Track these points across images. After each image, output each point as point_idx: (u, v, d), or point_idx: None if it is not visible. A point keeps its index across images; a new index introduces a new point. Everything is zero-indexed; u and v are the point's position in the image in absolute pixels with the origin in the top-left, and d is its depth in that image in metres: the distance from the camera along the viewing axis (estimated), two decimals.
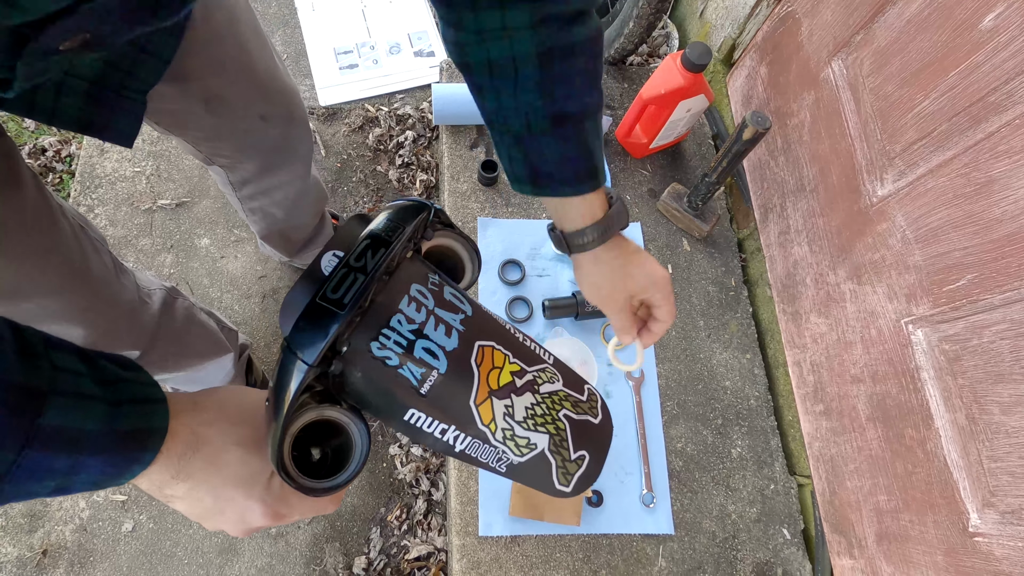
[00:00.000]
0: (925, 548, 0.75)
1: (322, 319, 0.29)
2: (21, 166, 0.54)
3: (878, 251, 0.84)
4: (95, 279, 0.67)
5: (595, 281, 0.58)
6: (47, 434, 0.27)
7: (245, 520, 0.36)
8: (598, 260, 0.56)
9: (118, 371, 0.31)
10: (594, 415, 0.39)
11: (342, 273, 0.30)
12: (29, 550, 1.04)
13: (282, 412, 0.30)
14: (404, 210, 0.34)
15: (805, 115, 1.00)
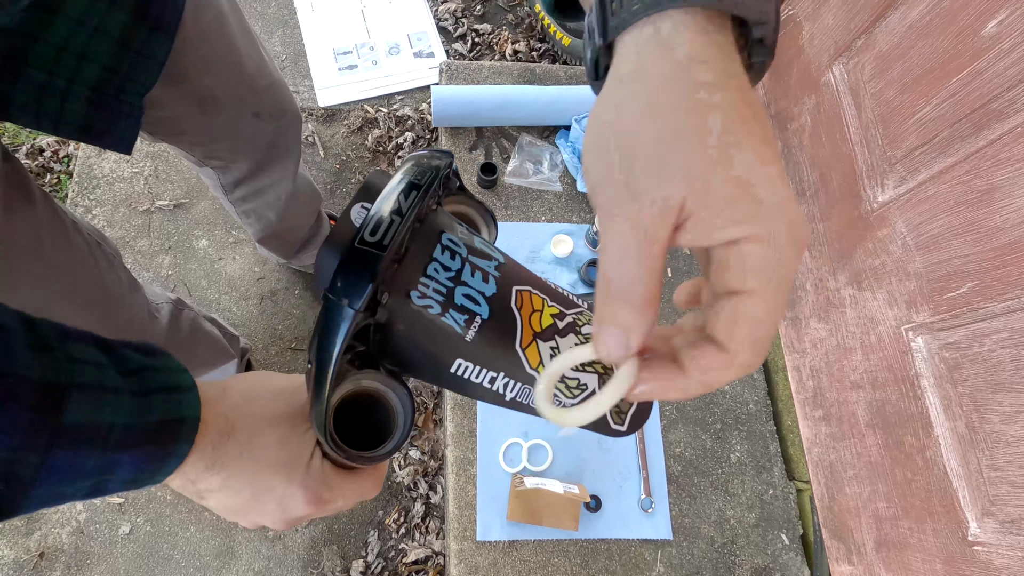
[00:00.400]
0: (924, 556, 0.75)
1: (364, 261, 0.28)
2: (31, 185, 0.54)
3: (878, 257, 0.83)
4: (110, 297, 0.67)
5: (622, 130, 0.23)
6: (72, 432, 0.25)
7: (286, 509, 0.34)
8: (643, 74, 0.23)
9: (142, 359, 0.29)
10: None
11: (377, 217, 0.29)
12: (26, 552, 1.04)
13: (330, 365, 0.28)
14: (428, 157, 0.33)
15: (806, 119, 1.00)
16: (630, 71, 0.23)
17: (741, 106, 0.21)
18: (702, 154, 0.20)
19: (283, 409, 0.34)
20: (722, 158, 0.20)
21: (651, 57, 0.22)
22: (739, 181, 0.20)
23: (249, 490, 0.32)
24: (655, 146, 0.21)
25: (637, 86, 0.22)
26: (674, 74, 0.21)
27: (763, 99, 1.13)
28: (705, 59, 0.21)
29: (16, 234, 0.52)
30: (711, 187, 0.20)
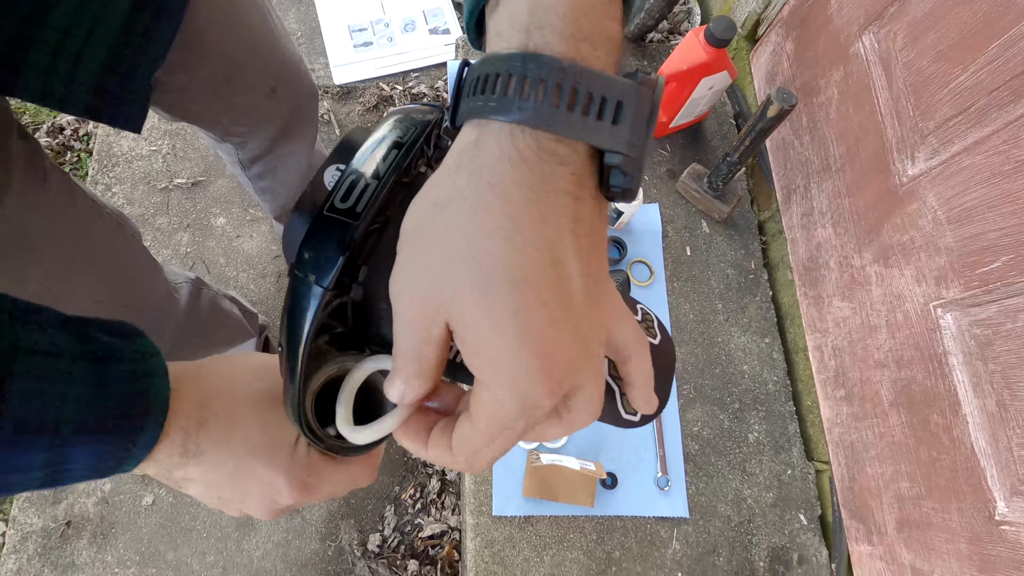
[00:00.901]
0: (948, 536, 0.74)
1: (332, 232, 0.24)
2: (48, 165, 0.54)
3: (907, 232, 0.81)
4: (130, 277, 0.67)
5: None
6: (15, 424, 0.23)
7: (271, 497, 0.32)
8: (451, 179, 0.23)
9: (111, 343, 0.27)
10: (652, 335, 0.36)
11: (350, 180, 0.25)
12: (53, 521, 1.07)
13: (299, 349, 0.25)
14: (416, 112, 0.29)
15: (833, 92, 0.97)
16: (446, 167, 0.23)
17: (518, 243, 0.21)
18: (465, 291, 0.21)
19: (264, 390, 0.32)
20: (472, 299, 0.21)
21: (462, 159, 0.22)
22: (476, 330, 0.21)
23: (230, 479, 0.30)
24: (440, 258, 0.21)
25: (445, 187, 0.22)
26: (472, 191, 0.21)
27: (789, 73, 1.10)
28: (499, 181, 0.21)
29: (32, 213, 0.52)
30: (456, 328, 0.22)
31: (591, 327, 0.22)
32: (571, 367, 0.22)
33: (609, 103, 0.21)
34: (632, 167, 0.21)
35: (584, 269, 0.22)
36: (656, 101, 0.22)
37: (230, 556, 1.08)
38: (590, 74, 0.21)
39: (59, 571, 1.04)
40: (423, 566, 1.09)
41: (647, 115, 0.21)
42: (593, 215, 0.22)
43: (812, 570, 0.97)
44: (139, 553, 1.06)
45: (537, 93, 0.20)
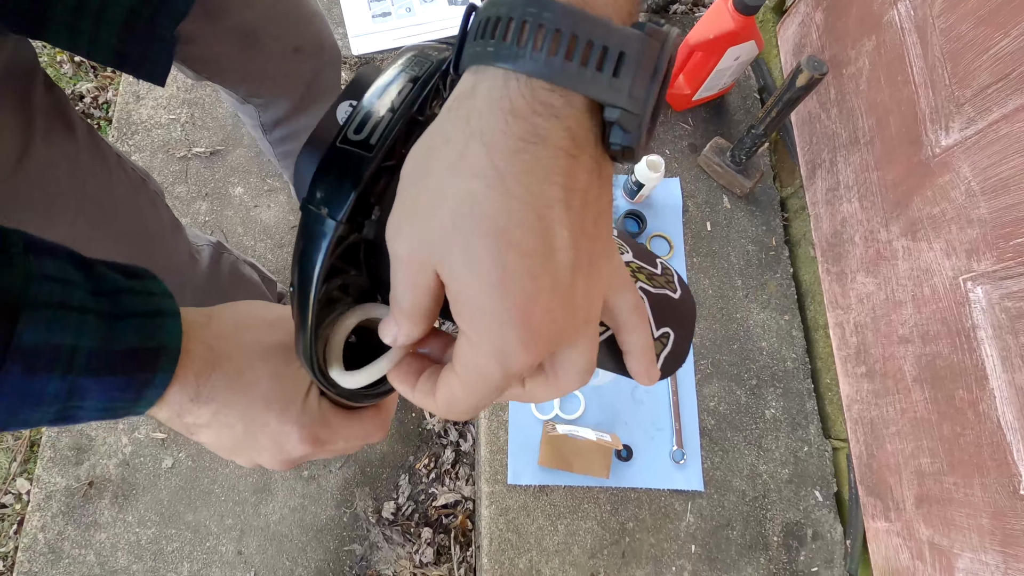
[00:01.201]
0: (970, 511, 0.73)
1: (347, 164, 0.24)
2: (74, 116, 0.54)
3: (938, 205, 0.79)
4: (152, 236, 0.67)
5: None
6: (27, 352, 0.23)
7: (282, 447, 0.31)
8: (442, 122, 0.23)
9: (119, 280, 0.27)
10: (672, 289, 0.35)
11: (364, 113, 0.24)
12: (76, 481, 1.09)
13: (311, 285, 0.25)
14: (431, 48, 0.28)
15: (864, 62, 0.94)
16: (443, 112, 0.22)
17: (496, 195, 0.20)
18: (449, 237, 0.20)
19: (277, 340, 0.31)
20: (457, 249, 0.20)
21: (457, 105, 0.21)
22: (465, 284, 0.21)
23: (242, 425, 0.30)
24: (428, 203, 0.21)
25: (438, 132, 0.21)
26: (461, 138, 0.20)
27: (817, 45, 1.07)
28: (488, 128, 0.20)
29: (56, 164, 0.52)
30: (441, 274, 0.21)
31: (582, 288, 0.22)
32: (554, 324, 0.21)
33: (611, 53, 0.20)
34: (633, 124, 0.20)
35: (575, 227, 0.20)
36: (666, 55, 0.20)
37: (247, 519, 1.10)
38: (592, 21, 0.20)
39: (82, 529, 1.06)
40: (437, 534, 1.10)
41: (652, 68, 0.20)
42: (591, 174, 0.21)
43: (826, 546, 0.97)
44: (159, 514, 1.08)
45: (535, 40, 0.19)
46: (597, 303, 0.23)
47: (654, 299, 0.34)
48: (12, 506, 1.10)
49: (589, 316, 0.23)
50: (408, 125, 0.25)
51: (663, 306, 0.34)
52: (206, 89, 1.36)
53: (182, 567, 1.06)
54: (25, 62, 0.47)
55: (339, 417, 0.33)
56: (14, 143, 0.47)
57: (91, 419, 0.27)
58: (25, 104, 0.47)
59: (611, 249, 0.24)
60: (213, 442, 0.31)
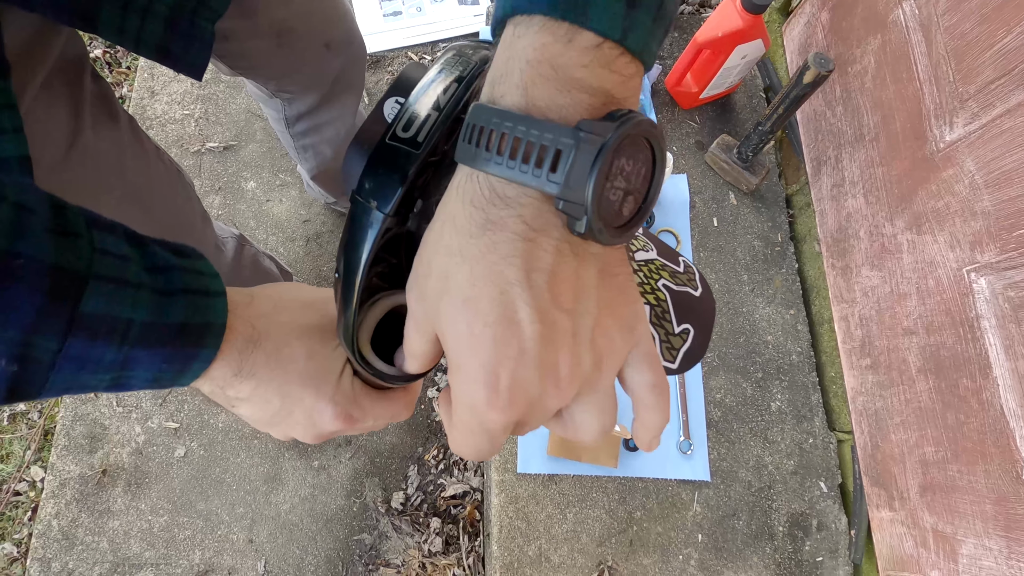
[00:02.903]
0: (973, 498, 0.75)
1: (396, 160, 0.25)
2: (117, 107, 0.56)
3: (942, 199, 0.81)
4: (183, 226, 0.69)
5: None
6: (90, 322, 0.25)
7: (316, 423, 0.33)
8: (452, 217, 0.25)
9: (171, 258, 0.29)
10: (694, 287, 0.37)
11: (412, 111, 0.26)
12: (90, 469, 1.10)
13: (357, 273, 0.26)
14: (472, 48, 0.29)
15: (869, 60, 0.96)
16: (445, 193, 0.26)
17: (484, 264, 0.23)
18: (441, 301, 0.24)
19: (313, 322, 0.33)
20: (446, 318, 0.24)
21: (447, 193, 0.25)
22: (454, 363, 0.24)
23: (279, 400, 0.32)
24: (424, 273, 0.25)
25: (439, 210, 0.25)
26: (441, 221, 0.25)
27: (823, 44, 1.09)
28: (457, 217, 0.24)
29: (102, 151, 0.54)
30: (439, 332, 0.25)
31: (567, 358, 0.23)
32: (524, 389, 0.23)
33: (548, 151, 0.22)
34: (577, 211, 0.22)
35: (540, 303, 0.22)
36: (605, 152, 0.21)
37: (258, 508, 1.11)
38: (533, 123, 0.22)
39: (95, 516, 1.08)
40: (445, 524, 1.11)
41: (588, 163, 0.21)
42: (559, 255, 0.23)
43: (830, 536, 0.98)
44: (171, 502, 1.10)
45: (500, 145, 0.22)
46: (597, 372, 0.25)
47: (676, 296, 0.36)
48: (27, 493, 1.11)
49: (588, 383, 0.25)
50: (452, 123, 0.26)
51: (684, 303, 0.36)
52: (220, 85, 1.38)
53: (194, 555, 1.07)
54: (76, 53, 0.49)
55: (370, 396, 0.34)
56: (66, 131, 0.49)
57: (140, 388, 0.29)
58: (76, 94, 0.49)
59: (622, 323, 0.25)
60: (251, 415, 0.33)
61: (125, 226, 0.28)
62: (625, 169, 0.22)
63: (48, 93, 0.46)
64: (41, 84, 0.45)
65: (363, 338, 0.31)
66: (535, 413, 0.24)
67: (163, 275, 0.28)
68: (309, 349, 0.32)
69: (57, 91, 0.47)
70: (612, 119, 0.22)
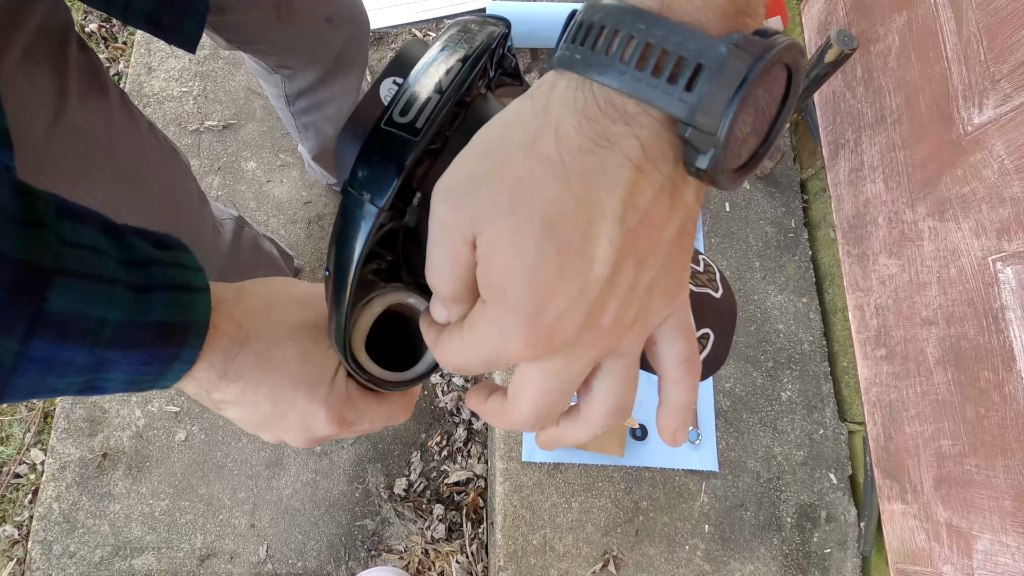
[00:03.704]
0: (991, 493, 0.73)
1: (392, 148, 0.22)
2: (107, 80, 0.53)
3: (968, 184, 0.78)
4: (180, 207, 0.66)
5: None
6: (58, 321, 0.23)
7: (308, 427, 0.31)
8: (517, 111, 0.22)
9: (151, 251, 0.26)
10: (714, 288, 0.35)
11: (410, 93, 0.23)
12: (90, 452, 1.09)
13: (349, 272, 0.24)
14: (478, 24, 0.26)
15: (893, 39, 0.92)
16: (523, 97, 0.21)
17: (546, 192, 0.19)
18: (500, 203, 0.20)
19: (305, 320, 0.31)
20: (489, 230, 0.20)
21: (538, 94, 0.21)
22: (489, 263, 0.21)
23: (269, 404, 0.30)
24: (490, 175, 0.21)
25: (515, 113, 0.21)
26: (537, 125, 0.20)
27: (844, 22, 1.05)
28: (562, 124, 0.20)
29: (90, 126, 0.51)
30: (479, 239, 0.21)
31: (614, 311, 0.21)
32: (563, 329, 0.20)
33: (687, 65, 0.18)
34: (704, 143, 0.18)
35: (623, 246, 0.20)
36: (756, 71, 0.18)
37: (260, 493, 1.10)
38: (671, 28, 0.18)
39: (96, 500, 1.07)
40: (448, 511, 1.10)
41: (734, 85, 0.18)
42: (660, 194, 0.20)
43: (839, 528, 0.97)
44: (172, 486, 1.09)
45: (610, 45, 0.19)
46: (633, 336, 0.22)
47: (695, 298, 0.33)
48: (27, 476, 1.11)
49: (620, 343, 0.22)
50: (455, 107, 0.24)
51: (704, 306, 0.34)
52: (219, 62, 1.34)
53: (195, 539, 1.06)
54: (60, 22, 0.46)
55: (366, 399, 0.32)
56: (49, 103, 0.46)
57: (118, 391, 0.27)
58: (60, 64, 0.46)
59: (673, 288, 0.23)
60: (239, 418, 0.31)
61: (103, 215, 0.26)
62: (759, 101, 0.19)
63: (29, 63, 0.43)
64: (21, 53, 0.42)
65: (357, 340, 0.29)
66: (560, 361, 0.22)
67: (142, 270, 0.26)
68: (301, 349, 0.30)
69: (39, 61, 0.44)
70: (763, 36, 0.18)
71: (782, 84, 0.20)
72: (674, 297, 0.23)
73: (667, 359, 0.24)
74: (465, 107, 0.25)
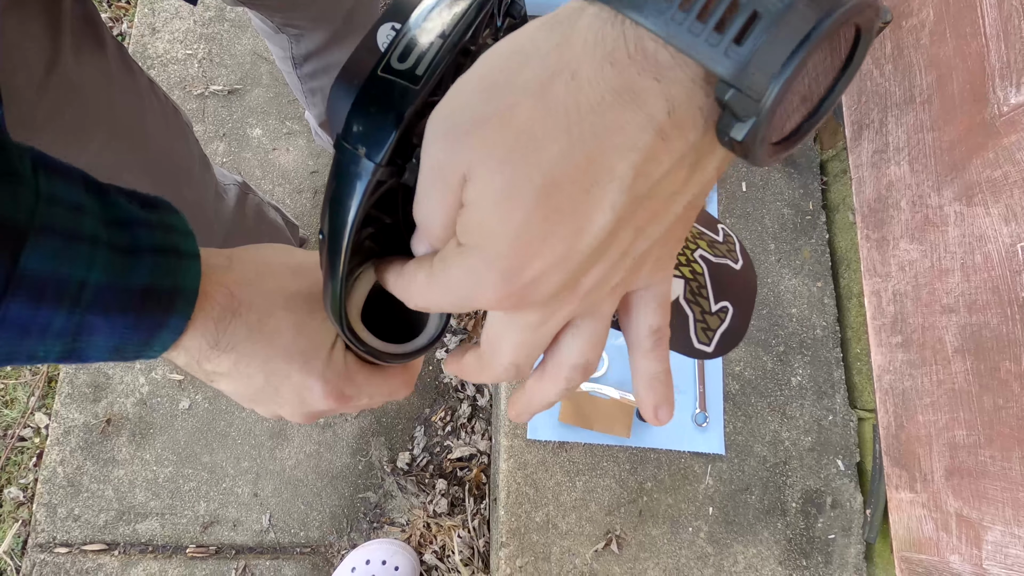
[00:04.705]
0: (1005, 484, 0.72)
1: (389, 97, 0.20)
2: (104, 32, 0.51)
3: (1000, 167, 0.75)
4: (181, 170, 0.64)
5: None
6: (33, 281, 0.21)
7: (305, 401, 0.30)
8: (532, 43, 0.20)
9: (136, 211, 0.25)
10: (734, 259, 0.33)
11: (410, 37, 0.21)
12: (94, 417, 1.09)
13: (344, 233, 0.22)
14: None
15: (927, 14, 0.88)
16: (541, 21, 0.19)
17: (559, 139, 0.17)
18: (498, 150, 0.18)
19: (302, 289, 0.29)
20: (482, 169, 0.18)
21: (560, 21, 0.18)
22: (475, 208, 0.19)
23: (262, 377, 0.29)
24: (493, 114, 0.18)
25: (531, 40, 0.18)
26: (553, 62, 0.17)
27: None
28: (580, 67, 0.17)
29: (86, 80, 0.49)
30: (468, 180, 0.19)
31: (597, 274, 0.20)
32: (539, 286, 0.19)
33: (741, 10, 0.15)
34: (748, 110, 0.16)
35: (623, 215, 0.18)
36: (824, 28, 0.15)
37: (263, 463, 1.10)
38: None
39: (100, 465, 1.07)
40: (451, 486, 1.10)
41: (795, 40, 0.15)
42: (678, 165, 0.18)
43: (845, 514, 0.96)
44: (176, 454, 1.09)
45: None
46: (611, 298, 0.22)
47: (714, 269, 0.32)
48: (31, 439, 1.11)
49: (596, 307, 0.21)
50: (459, 56, 0.21)
51: (723, 278, 0.32)
52: (225, 24, 1.30)
53: (199, 506, 1.07)
54: None
55: (364, 373, 0.31)
56: (42, 54, 0.44)
57: (101, 359, 0.25)
58: (53, 12, 0.44)
59: (665, 260, 0.22)
60: (232, 391, 0.30)
61: (82, 171, 0.24)
62: (818, 66, 0.16)
63: (20, 11, 0.41)
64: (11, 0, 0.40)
65: (353, 310, 0.27)
66: (533, 316, 0.21)
67: (126, 230, 0.24)
68: (296, 320, 0.29)
69: (31, 9, 0.42)
70: None
71: (847, 47, 0.17)
72: (664, 269, 0.22)
73: (638, 328, 0.23)
74: (470, 57, 0.23)
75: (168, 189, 0.63)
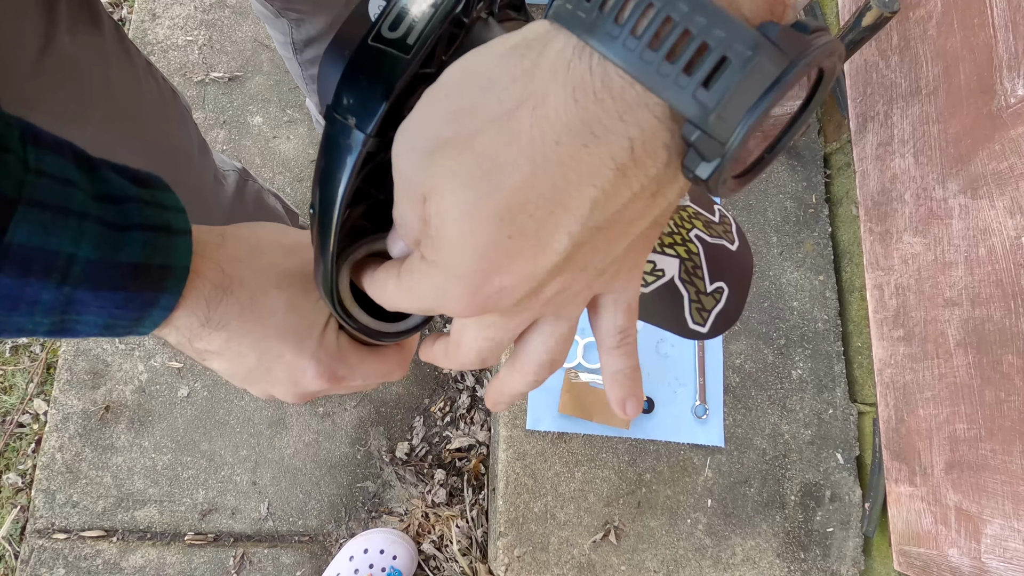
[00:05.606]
0: (1006, 478, 0.71)
1: (380, 66, 0.20)
2: (100, 11, 0.50)
3: (1006, 160, 0.74)
4: (179, 154, 0.64)
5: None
6: (20, 255, 0.21)
7: (297, 381, 0.30)
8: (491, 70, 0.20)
9: (128, 186, 0.25)
10: (730, 240, 0.33)
11: (401, 7, 0.20)
12: (93, 404, 1.09)
13: (335, 206, 0.22)
14: None
15: (935, 5, 0.87)
16: (508, 40, 0.18)
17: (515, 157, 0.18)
18: (460, 176, 0.18)
19: (295, 267, 0.29)
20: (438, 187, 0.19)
21: (526, 45, 0.18)
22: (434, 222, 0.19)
23: (254, 356, 0.28)
24: (459, 136, 0.18)
25: (497, 62, 0.18)
26: (516, 89, 0.17)
27: None
28: (545, 99, 0.17)
29: (82, 59, 0.48)
30: (438, 205, 0.19)
31: (559, 284, 0.21)
32: (500, 300, 0.20)
33: (709, 54, 0.15)
34: (712, 151, 0.16)
35: (581, 240, 0.19)
36: (790, 75, 0.15)
37: (262, 452, 1.10)
38: (699, 5, 0.15)
39: (99, 451, 1.07)
40: (450, 476, 1.10)
41: (760, 87, 0.15)
42: (637, 198, 0.18)
43: (843, 507, 0.96)
44: (175, 441, 1.09)
45: (622, 11, 0.16)
46: (574, 305, 0.23)
47: (710, 249, 0.31)
48: (30, 425, 1.11)
49: (559, 311, 0.23)
50: (451, 26, 0.21)
51: (719, 258, 0.32)
52: (225, 10, 1.29)
53: (197, 493, 1.07)
54: None
55: (358, 353, 0.31)
56: (36, 31, 0.43)
57: (91, 335, 0.25)
58: None
59: (626, 273, 0.23)
60: (225, 370, 0.30)
61: (73, 145, 0.24)
62: (781, 105, 0.17)
63: None
64: None
65: (345, 286, 0.27)
66: (498, 319, 0.23)
67: (116, 206, 0.24)
68: (289, 298, 0.28)
69: None
70: (804, 31, 0.15)
71: (809, 86, 0.17)
72: (629, 277, 0.23)
73: (605, 328, 0.25)
74: (464, 29, 0.22)
75: (166, 172, 0.62)
